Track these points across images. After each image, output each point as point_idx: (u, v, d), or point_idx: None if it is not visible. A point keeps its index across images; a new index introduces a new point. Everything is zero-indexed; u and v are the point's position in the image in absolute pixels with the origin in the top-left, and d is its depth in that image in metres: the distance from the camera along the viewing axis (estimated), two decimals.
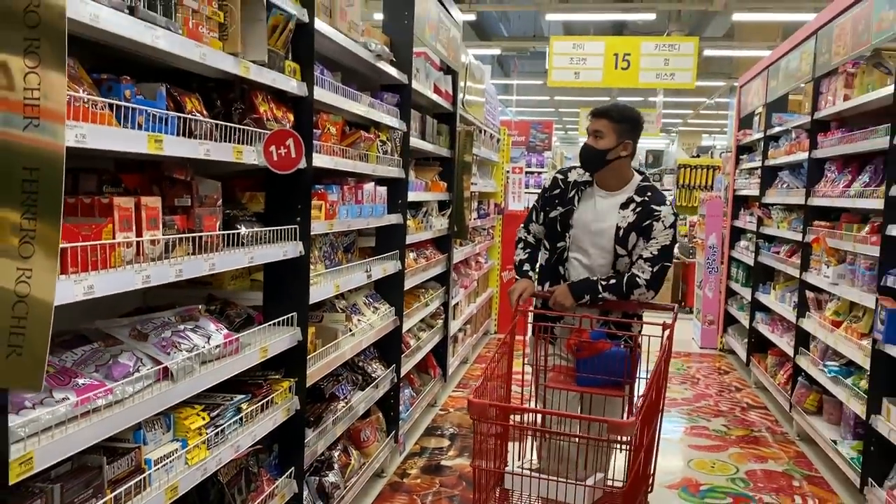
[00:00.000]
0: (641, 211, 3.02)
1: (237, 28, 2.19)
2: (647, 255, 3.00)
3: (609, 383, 2.89)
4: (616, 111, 3.04)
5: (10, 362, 1.31)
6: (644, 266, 2.99)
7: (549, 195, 3.21)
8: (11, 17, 1.30)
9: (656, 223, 3.00)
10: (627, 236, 3.01)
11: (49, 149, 1.32)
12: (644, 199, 3.04)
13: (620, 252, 3.03)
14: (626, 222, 3.02)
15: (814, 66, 5.19)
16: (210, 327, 2.29)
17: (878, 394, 3.81)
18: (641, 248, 3.00)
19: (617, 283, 2.99)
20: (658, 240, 2.99)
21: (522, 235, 3.32)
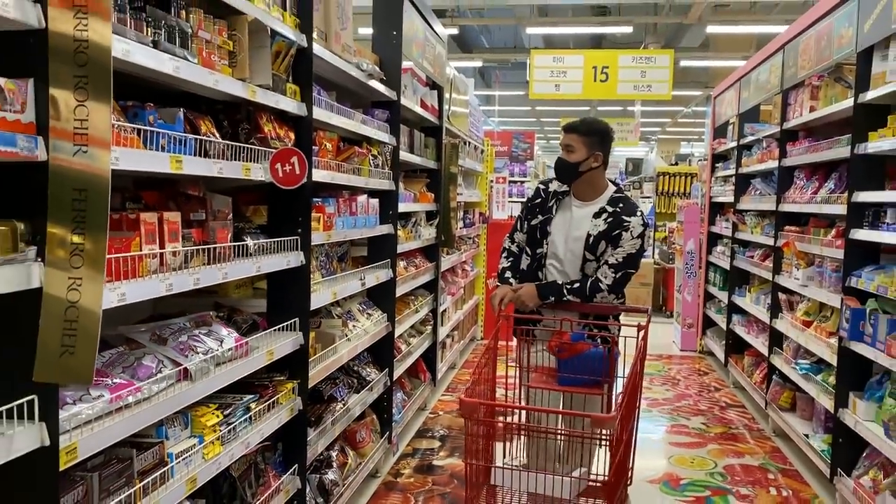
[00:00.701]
0: (612, 221, 3.21)
1: (245, 55, 2.38)
2: (611, 262, 3.19)
3: (589, 382, 3.05)
4: (584, 125, 3.24)
5: (63, 361, 1.49)
6: (607, 272, 3.19)
7: (531, 204, 3.42)
8: (63, 57, 1.48)
9: (625, 233, 3.18)
10: (598, 244, 3.20)
11: (96, 172, 1.50)
12: (616, 209, 3.23)
13: (589, 257, 3.22)
14: (597, 230, 3.21)
15: (782, 78, 5.45)
16: (222, 332, 2.46)
17: (845, 388, 4.05)
18: (608, 254, 3.19)
19: (581, 286, 3.20)
20: (624, 248, 3.18)
21: (507, 245, 3.51)
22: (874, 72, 3.84)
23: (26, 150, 1.48)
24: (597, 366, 3.03)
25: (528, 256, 3.38)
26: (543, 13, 11.39)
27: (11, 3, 1.44)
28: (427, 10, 5.18)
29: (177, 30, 2.04)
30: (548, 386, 3.09)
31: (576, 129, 3.23)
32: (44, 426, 1.56)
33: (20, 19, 1.46)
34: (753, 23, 10.39)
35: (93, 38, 1.48)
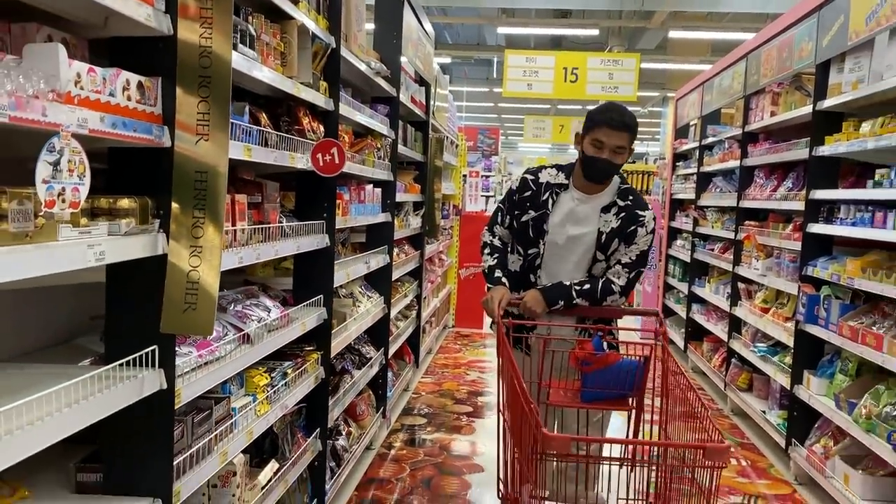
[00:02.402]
0: (625, 216, 2.85)
1: (294, 56, 2.66)
2: (625, 261, 2.87)
3: (614, 396, 2.63)
4: (634, 123, 2.78)
5: (186, 315, 1.76)
6: (621, 272, 2.87)
7: (518, 198, 2.96)
8: (190, 59, 1.76)
9: (640, 229, 2.84)
10: (610, 242, 2.86)
11: (216, 158, 1.78)
12: (627, 203, 2.87)
13: (599, 258, 2.88)
14: (609, 227, 2.85)
15: (745, 84, 5.90)
16: (268, 303, 2.74)
17: (801, 367, 4.50)
18: (621, 252, 2.87)
19: (591, 287, 2.85)
20: (639, 245, 2.86)
21: (488, 239, 3.07)
22: (831, 82, 4.28)
23: (157, 137, 1.75)
24: (627, 378, 2.58)
25: (519, 256, 2.98)
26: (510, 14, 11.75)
27: (150, 13, 1.71)
28: (420, 10, 5.48)
29: (247, 34, 2.31)
30: (570, 403, 2.65)
31: (629, 127, 2.74)
32: (162, 372, 1.84)
33: (154, 27, 1.73)
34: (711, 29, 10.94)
35: (216, 45, 1.76)
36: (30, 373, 1.78)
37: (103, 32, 1.77)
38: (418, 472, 4.35)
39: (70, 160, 1.39)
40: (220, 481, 2.43)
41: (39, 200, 1.38)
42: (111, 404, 1.65)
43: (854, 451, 3.90)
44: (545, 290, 2.86)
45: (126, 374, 1.73)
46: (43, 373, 1.76)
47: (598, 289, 2.86)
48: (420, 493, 4.05)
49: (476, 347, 7.95)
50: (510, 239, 3.05)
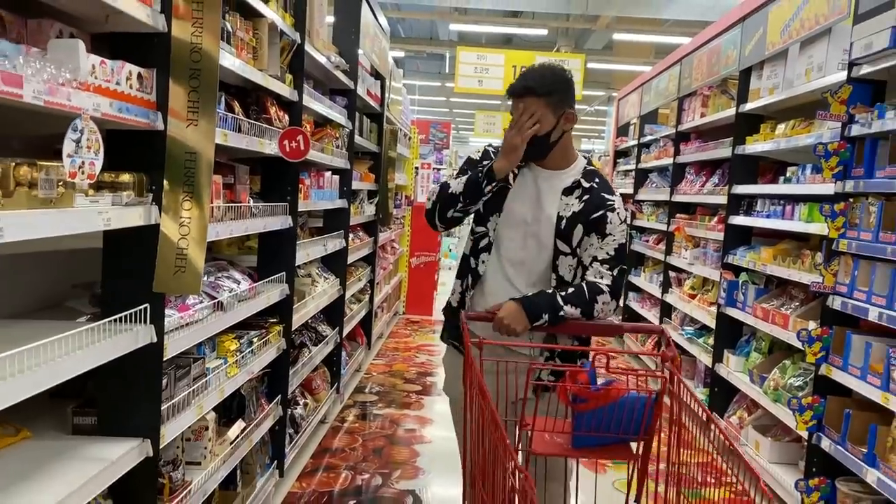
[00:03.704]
0: (590, 199, 2.40)
1: (265, 51, 2.92)
2: (602, 256, 2.37)
3: (613, 441, 2.05)
4: (540, 82, 2.32)
5: (177, 277, 2.03)
6: (601, 269, 2.36)
7: (478, 165, 2.51)
8: (182, 53, 2.02)
9: (610, 214, 2.38)
10: (571, 229, 2.39)
11: (203, 141, 2.04)
12: (592, 184, 2.43)
13: (562, 248, 2.40)
14: (570, 211, 2.40)
15: (678, 87, 6.34)
16: (237, 276, 3.00)
17: (721, 347, 4.94)
18: (595, 247, 2.38)
19: (577, 290, 2.33)
20: (614, 236, 2.38)
21: (445, 180, 2.59)
22: (752, 87, 4.71)
23: (153, 121, 2.01)
24: (634, 420, 2.02)
25: (470, 239, 2.56)
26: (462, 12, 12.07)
27: (149, 12, 1.96)
28: (376, 6, 5.75)
29: (225, 30, 2.56)
30: (560, 451, 2.07)
31: (531, 90, 2.31)
32: (153, 327, 2.10)
33: (151, 24, 1.99)
34: (654, 32, 11.45)
35: (205, 42, 2.02)
36: (34, 326, 2.02)
37: (104, 28, 2.01)
38: (370, 443, 4.65)
39: (88, 138, 1.65)
40: (193, 435, 2.68)
41: (60, 172, 1.63)
42: (111, 351, 1.90)
43: (765, 422, 4.34)
44: (525, 301, 2.30)
45: (122, 327, 1.99)
46: (47, 327, 2.00)
47: (584, 290, 2.32)
48: (371, 460, 4.34)
49: (425, 333, 8.27)
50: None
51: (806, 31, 3.86)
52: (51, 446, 2.04)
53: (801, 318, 3.84)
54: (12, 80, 1.40)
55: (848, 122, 3.27)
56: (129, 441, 2.09)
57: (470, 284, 2.53)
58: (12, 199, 1.47)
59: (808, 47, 3.93)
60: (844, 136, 3.30)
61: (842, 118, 3.29)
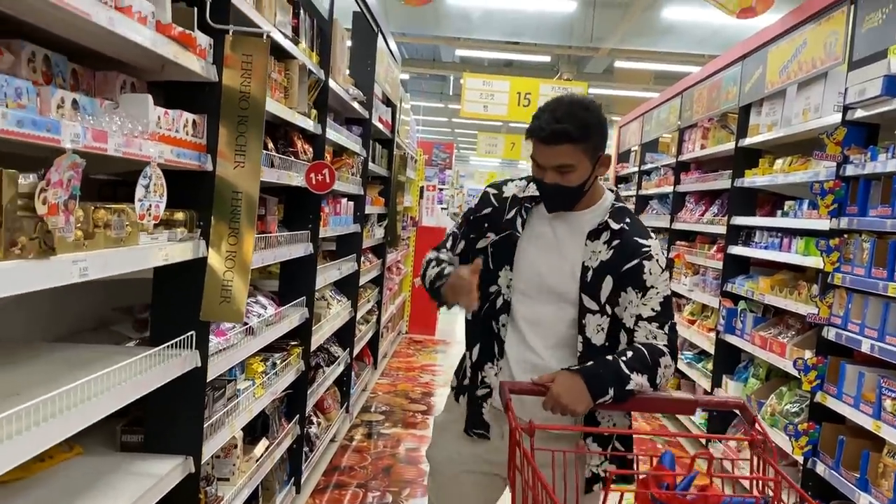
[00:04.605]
0: (621, 245, 2.03)
1: (295, 90, 3.10)
2: (648, 314, 1.99)
3: None
4: (577, 126, 1.93)
5: (222, 307, 2.19)
6: (652, 329, 1.99)
7: (476, 216, 2.19)
8: (232, 100, 2.20)
9: (648, 263, 2.01)
10: (599, 282, 2.01)
11: (249, 181, 2.22)
12: (623, 226, 2.05)
13: (590, 305, 2.01)
14: (598, 260, 2.02)
15: (679, 118, 6.55)
16: (263, 301, 3.17)
17: (720, 372, 5.11)
18: (636, 304, 2.00)
19: (639, 355, 1.93)
20: (657, 288, 2.02)
21: (432, 256, 2.26)
22: (751, 123, 4.91)
23: (203, 163, 2.18)
24: None
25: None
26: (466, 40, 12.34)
27: (203, 65, 2.15)
28: (389, 36, 5.96)
29: None
30: None
31: (569, 136, 1.92)
32: (198, 353, 2.26)
33: (204, 75, 2.17)
34: (654, 60, 11.71)
35: (253, 90, 2.20)
36: (90, 350, 2.18)
37: (160, 77, 2.19)
38: (378, 462, 4.79)
39: (155, 183, 1.82)
40: (222, 452, 2.84)
41: (128, 213, 1.80)
42: (164, 376, 2.06)
43: None
44: (585, 373, 1.89)
45: (171, 353, 2.15)
46: (101, 352, 2.16)
47: (645, 353, 1.94)
48: (380, 479, 4.49)
49: (428, 353, 8.42)
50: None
51: (803, 74, 4.07)
52: (102, 462, 2.19)
53: (797, 346, 4.01)
54: (100, 137, 1.57)
55: (843, 162, 3.46)
56: (173, 458, 2.24)
57: (497, 353, 2.08)
58: (93, 239, 1.64)
59: (806, 88, 4.13)
60: (839, 176, 3.48)
61: (837, 158, 3.48)
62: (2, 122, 1.23)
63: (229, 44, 2.21)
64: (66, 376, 1.72)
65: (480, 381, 2.12)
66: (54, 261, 1.43)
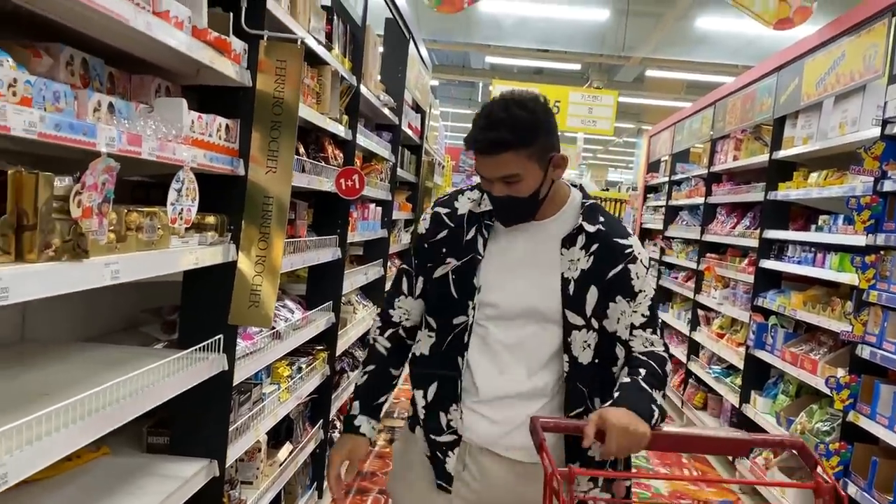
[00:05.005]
0: (600, 249, 1.83)
1: (327, 96, 3.11)
2: (640, 321, 1.84)
3: None
4: (516, 131, 1.69)
5: (250, 311, 2.20)
6: (647, 336, 1.84)
7: (429, 244, 1.90)
8: (265, 105, 2.20)
9: (633, 267, 1.84)
10: (583, 294, 1.80)
11: (281, 186, 2.22)
12: (598, 227, 1.84)
13: (575, 321, 1.80)
14: (578, 269, 1.81)
15: (712, 129, 6.47)
16: (291, 305, 3.17)
17: (749, 388, 5.03)
18: (628, 313, 1.83)
19: (651, 370, 1.78)
20: (646, 291, 1.86)
21: (374, 335, 2.03)
22: (785, 135, 4.83)
23: (235, 167, 2.19)
24: None
25: (430, 333, 1.89)
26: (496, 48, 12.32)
27: (237, 70, 2.15)
28: (420, 42, 5.97)
29: None
30: None
31: (507, 143, 1.69)
32: (225, 356, 2.27)
33: (238, 80, 2.18)
34: (686, 70, 11.61)
35: (287, 96, 2.21)
36: (121, 351, 2.19)
37: (195, 81, 2.21)
38: None
39: (187, 187, 1.83)
40: (246, 456, 2.84)
41: (160, 216, 1.81)
42: (191, 379, 2.07)
43: (790, 464, 4.41)
44: (630, 401, 1.68)
45: (199, 356, 2.16)
46: (131, 353, 2.18)
47: (654, 366, 1.79)
48: None
49: None
50: (421, 317, 1.94)
51: (841, 86, 3.99)
52: (128, 463, 2.21)
53: (829, 364, 3.93)
54: (134, 140, 1.58)
55: (881, 177, 3.39)
56: (198, 461, 2.25)
57: (462, 391, 1.83)
58: (125, 242, 1.65)
59: (843, 101, 4.06)
60: (877, 191, 3.41)
61: (875, 173, 3.41)
62: (40, 126, 1.24)
63: (264, 49, 2.22)
64: (96, 377, 1.73)
65: (446, 425, 1.83)
66: (87, 263, 1.44)
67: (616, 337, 1.82)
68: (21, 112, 1.21)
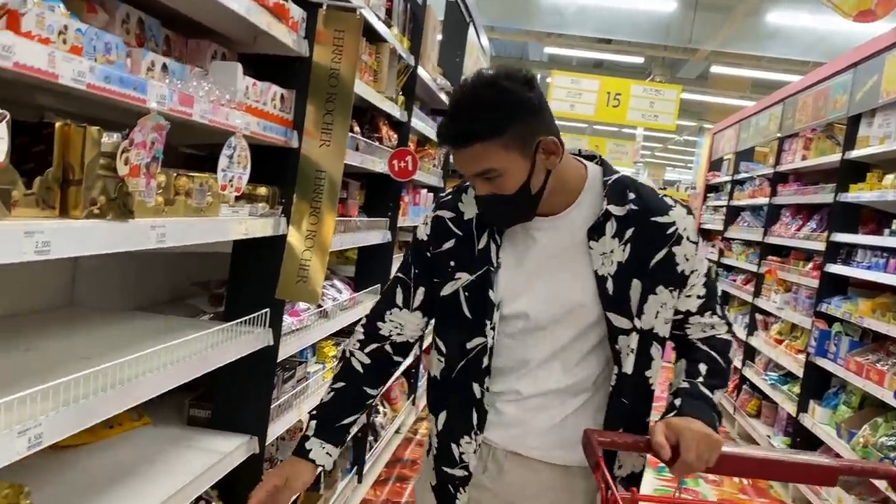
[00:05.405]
0: (637, 234, 1.52)
1: (384, 74, 3.04)
2: (696, 306, 1.59)
3: None
4: (482, 117, 1.40)
5: (298, 286, 2.15)
6: (706, 320, 1.61)
7: (433, 254, 1.62)
8: (321, 77, 2.15)
9: (678, 249, 1.53)
10: (626, 290, 1.51)
11: (334, 161, 2.16)
12: (629, 207, 1.53)
13: (620, 324, 1.52)
14: (614, 263, 1.51)
15: (780, 127, 6.22)
16: (339, 286, 3.13)
17: (808, 397, 4.82)
18: (669, 307, 1.55)
19: (712, 367, 1.58)
20: (698, 270, 1.57)
21: (352, 348, 1.72)
22: (860, 135, 4.60)
23: (289, 139, 2.14)
24: None
25: (440, 358, 1.64)
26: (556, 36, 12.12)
27: (294, 39, 2.10)
28: (481, 29, 5.87)
29: None
30: None
31: (473, 135, 1.40)
32: (271, 331, 2.22)
33: (295, 48, 2.12)
34: (753, 67, 11.24)
35: (343, 69, 2.15)
36: (167, 322, 2.17)
37: (252, 49, 2.16)
38: None
39: (239, 154, 1.78)
40: (287, 435, 2.81)
41: (210, 183, 1.77)
42: (235, 352, 2.03)
43: (849, 479, 4.21)
44: (696, 410, 1.47)
45: (245, 329, 2.12)
46: (176, 323, 2.15)
47: (716, 357, 1.59)
48: None
49: None
50: (417, 335, 1.72)
51: None
52: (168, 434, 2.18)
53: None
54: (186, 101, 1.54)
55: None
56: (239, 437, 2.22)
57: (479, 422, 1.57)
58: (173, 206, 1.60)
59: None
60: None
61: None
62: (89, 76, 1.20)
63: (322, 18, 2.16)
64: (138, 344, 1.70)
65: (458, 458, 1.59)
66: (132, 224, 1.39)
67: (652, 334, 1.54)
68: (70, 60, 1.17)
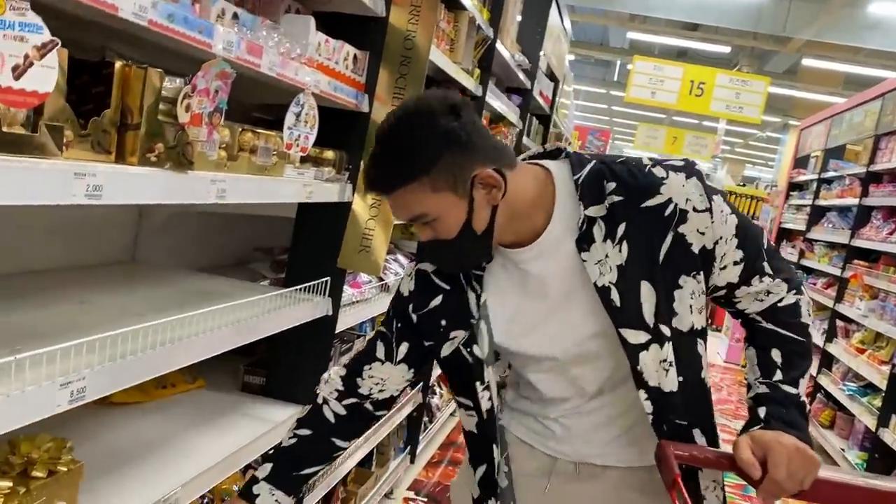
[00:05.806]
0: (630, 229, 1.28)
1: (461, 44, 2.93)
2: (738, 275, 1.34)
3: None
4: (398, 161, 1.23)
5: (360, 256, 2.07)
6: (757, 289, 1.36)
7: (420, 315, 1.42)
8: (396, 39, 2.05)
9: (684, 227, 1.28)
10: (635, 298, 1.28)
11: None
12: (613, 201, 1.28)
13: (638, 340, 1.28)
14: (614, 270, 1.27)
15: (877, 123, 5.85)
16: (402, 260, 3.05)
17: (890, 411, 4.52)
18: (697, 294, 1.32)
19: (787, 358, 1.33)
20: (723, 235, 1.30)
21: (326, 395, 1.52)
22: None
23: (359, 102, 2.05)
24: None
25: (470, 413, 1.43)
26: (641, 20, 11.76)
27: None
28: (564, 9, 5.69)
29: None
30: None
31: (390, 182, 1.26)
32: (330, 300, 2.16)
33: (371, 7, 2.03)
34: (848, 61, 10.66)
35: (420, 33, 2.05)
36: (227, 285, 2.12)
37: (326, 7, 2.08)
38: None
39: (307, 113, 1.70)
40: None
41: (277, 142, 1.69)
42: (293, 319, 1.97)
43: None
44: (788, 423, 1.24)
45: (303, 297, 2.06)
46: (235, 286, 2.10)
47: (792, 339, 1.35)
48: None
49: None
50: (402, 387, 1.51)
51: None
52: (222, 399, 2.14)
53: None
54: (255, 50, 1.46)
55: None
56: (292, 406, 2.16)
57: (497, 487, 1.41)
58: (236, 162, 1.53)
59: None
60: None
61: None
62: (151, 12, 1.12)
63: None
64: (194, 305, 1.64)
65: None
66: (192, 175, 1.33)
67: (694, 333, 1.32)
68: None
